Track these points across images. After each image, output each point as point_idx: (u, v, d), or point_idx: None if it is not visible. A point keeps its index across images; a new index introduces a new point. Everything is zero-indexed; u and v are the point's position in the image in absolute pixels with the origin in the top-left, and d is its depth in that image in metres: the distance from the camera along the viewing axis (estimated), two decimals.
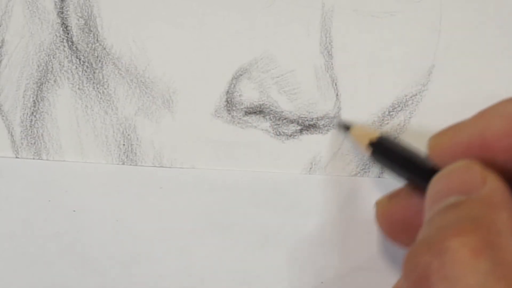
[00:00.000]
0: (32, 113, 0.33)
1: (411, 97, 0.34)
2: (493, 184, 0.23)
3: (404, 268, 0.22)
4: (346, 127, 0.33)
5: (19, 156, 0.33)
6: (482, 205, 0.23)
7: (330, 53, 0.33)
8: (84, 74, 0.33)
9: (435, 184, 0.25)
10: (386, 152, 0.30)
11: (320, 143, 0.33)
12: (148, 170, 0.33)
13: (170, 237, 0.32)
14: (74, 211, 0.32)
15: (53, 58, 0.33)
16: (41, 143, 0.33)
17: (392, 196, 0.30)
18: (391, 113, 0.33)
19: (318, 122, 0.33)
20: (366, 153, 0.31)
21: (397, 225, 0.30)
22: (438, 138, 0.27)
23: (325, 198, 0.33)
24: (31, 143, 0.33)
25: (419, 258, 0.22)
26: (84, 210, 0.32)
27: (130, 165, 0.33)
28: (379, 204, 0.30)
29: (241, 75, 0.33)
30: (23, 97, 0.33)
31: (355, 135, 0.32)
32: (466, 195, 0.23)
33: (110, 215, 0.32)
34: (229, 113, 0.33)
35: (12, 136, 0.33)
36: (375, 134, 0.31)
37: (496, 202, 0.23)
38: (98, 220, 0.32)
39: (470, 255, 0.21)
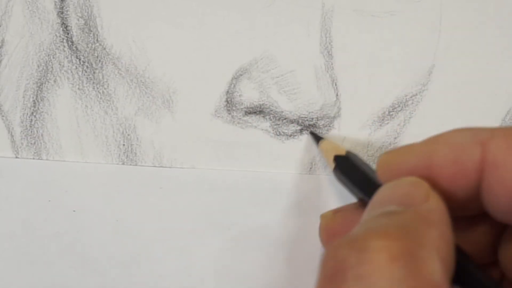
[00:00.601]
0: (32, 113, 0.33)
1: (411, 97, 0.34)
2: (435, 203, 0.24)
3: (322, 259, 0.22)
4: (317, 139, 0.33)
5: (19, 156, 0.33)
6: (416, 218, 0.23)
7: (330, 53, 0.33)
8: (84, 74, 0.33)
9: (380, 192, 0.25)
10: (345, 169, 0.31)
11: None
12: (148, 170, 0.33)
13: (170, 237, 0.32)
14: (74, 211, 0.32)
15: (53, 58, 0.33)
16: (41, 143, 0.33)
17: (337, 211, 0.30)
18: (391, 113, 0.33)
19: (318, 122, 0.33)
20: (330, 168, 0.31)
21: (337, 237, 0.29)
22: (387, 157, 0.27)
23: (325, 198, 0.33)
24: (31, 143, 0.33)
25: (338, 251, 0.21)
26: (84, 210, 0.32)
27: (130, 165, 0.33)
28: (324, 218, 0.30)
29: (241, 75, 0.33)
30: (23, 97, 0.33)
31: (323, 149, 0.32)
32: (405, 207, 0.23)
33: (110, 215, 0.32)
34: (229, 113, 0.33)
35: (12, 136, 0.33)
36: (339, 151, 0.31)
37: (431, 219, 0.23)
38: (98, 220, 0.32)
39: (387, 259, 0.20)
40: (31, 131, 0.33)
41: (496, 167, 0.24)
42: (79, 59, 0.33)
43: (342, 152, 0.31)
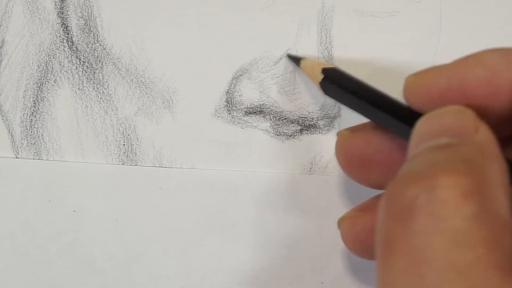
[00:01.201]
0: (32, 113, 0.33)
1: None
2: (486, 133, 0.23)
3: (387, 197, 0.21)
4: (296, 60, 0.32)
5: (19, 156, 0.33)
6: (476, 150, 0.22)
7: (330, 53, 0.33)
8: (84, 74, 0.33)
9: (424, 124, 0.24)
10: (338, 79, 0.30)
11: (320, 143, 0.33)
12: (148, 170, 0.33)
13: (170, 237, 0.32)
14: (74, 211, 0.32)
15: (53, 58, 0.33)
16: (41, 143, 0.33)
17: (355, 130, 0.29)
18: None
19: (318, 122, 0.33)
20: (315, 83, 0.30)
21: (355, 159, 0.29)
22: (415, 79, 0.27)
23: (325, 198, 0.33)
24: (31, 143, 0.33)
25: (406, 189, 0.21)
26: (84, 210, 0.32)
27: (130, 165, 0.33)
28: (340, 136, 0.30)
29: (241, 75, 0.33)
30: (23, 97, 0.33)
31: (306, 66, 0.31)
32: (459, 138, 0.23)
33: (110, 215, 0.32)
34: (229, 113, 0.33)
35: (12, 136, 0.33)
36: (326, 65, 0.30)
37: (489, 151, 0.22)
38: (98, 220, 0.32)
39: (460, 197, 0.20)
40: (31, 131, 0.33)
41: None
42: (79, 59, 0.33)
43: (330, 66, 0.30)
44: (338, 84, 0.30)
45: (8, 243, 0.32)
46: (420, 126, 0.24)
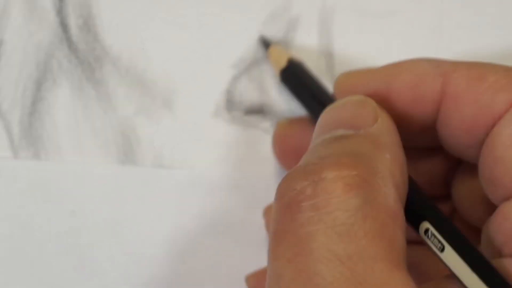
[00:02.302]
0: (31, 113, 0.33)
1: None
2: (384, 123, 0.23)
3: (278, 191, 0.22)
4: (266, 44, 0.32)
5: (18, 156, 0.32)
6: (367, 142, 0.22)
7: (330, 53, 0.33)
8: (84, 74, 0.33)
9: (326, 114, 0.25)
10: (295, 78, 0.30)
11: None
12: (148, 170, 0.33)
13: (170, 238, 0.32)
14: (73, 211, 0.32)
15: (52, 57, 0.33)
16: (40, 143, 0.33)
17: (293, 121, 0.30)
18: None
19: None
20: (277, 72, 0.31)
21: (290, 150, 0.30)
22: (345, 78, 0.27)
23: None
24: (30, 143, 0.33)
25: (294, 182, 0.21)
26: (83, 211, 0.32)
27: (130, 165, 0.33)
28: (279, 125, 0.31)
29: (241, 75, 0.33)
30: (22, 97, 0.33)
31: (273, 55, 0.32)
32: (354, 130, 0.23)
33: (109, 216, 0.32)
34: (229, 113, 0.33)
35: (10, 136, 0.33)
36: (289, 57, 0.31)
37: (383, 142, 0.23)
38: (97, 221, 0.32)
39: (343, 189, 0.20)
40: (30, 131, 0.33)
41: (455, 100, 0.24)
42: (79, 59, 0.33)
43: (296, 59, 0.31)
44: (296, 77, 0.30)
45: (6, 244, 0.32)
46: (321, 117, 0.25)
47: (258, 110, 0.33)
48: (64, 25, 0.33)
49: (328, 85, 0.33)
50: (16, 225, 0.32)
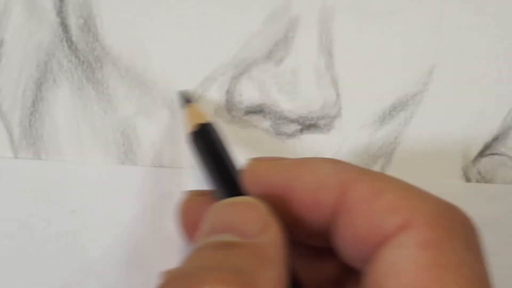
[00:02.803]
0: (31, 113, 0.33)
1: (411, 97, 0.34)
2: (272, 235, 0.23)
3: None
4: (186, 100, 0.32)
5: (18, 156, 0.32)
6: (252, 256, 0.22)
7: (330, 52, 0.33)
8: (84, 74, 0.33)
9: (215, 212, 0.24)
10: (203, 144, 0.29)
11: (320, 143, 0.33)
12: (148, 170, 0.33)
13: (170, 238, 0.32)
14: (73, 211, 0.32)
15: (52, 57, 0.33)
16: (40, 143, 0.33)
17: (203, 194, 0.29)
18: (391, 113, 0.33)
19: (319, 121, 0.33)
20: (187, 135, 0.30)
21: (192, 224, 0.29)
22: (255, 165, 0.27)
23: None
24: (30, 143, 0.33)
25: (170, 286, 0.21)
26: (83, 210, 0.32)
27: (130, 165, 0.33)
28: (188, 194, 0.30)
29: (241, 74, 0.33)
30: (22, 97, 0.33)
31: (188, 113, 0.31)
32: (240, 237, 0.23)
33: (110, 216, 0.32)
34: (229, 113, 0.33)
35: (11, 136, 0.33)
36: (202, 120, 0.30)
37: (268, 256, 0.22)
38: (97, 220, 0.32)
39: None
40: (30, 131, 0.33)
41: (350, 212, 0.23)
42: (79, 59, 0.33)
43: (205, 122, 0.30)
44: (202, 142, 0.29)
45: (7, 243, 0.32)
46: (210, 215, 0.24)
47: (258, 110, 0.33)
48: (64, 25, 0.33)
49: (329, 85, 0.33)
50: (16, 225, 0.32)
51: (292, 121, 0.33)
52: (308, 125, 0.33)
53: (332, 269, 0.27)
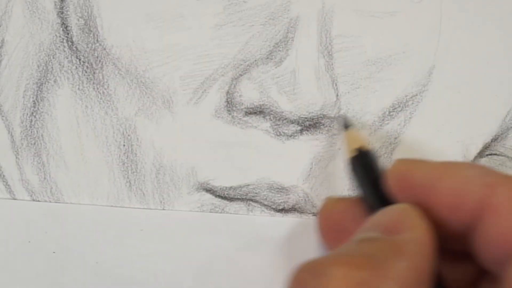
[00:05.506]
0: (32, 113, 0.33)
1: (411, 97, 0.34)
2: (417, 234, 0.24)
3: (289, 278, 0.23)
4: (346, 125, 0.32)
5: (19, 157, 0.33)
6: (387, 247, 0.23)
7: (330, 53, 0.33)
8: (84, 75, 0.33)
9: (373, 216, 0.25)
10: (362, 166, 0.30)
11: (320, 143, 0.33)
12: (129, 211, 0.32)
13: (151, 280, 0.31)
14: (53, 252, 0.32)
15: (53, 58, 0.33)
16: (41, 143, 0.33)
17: (342, 200, 0.30)
18: (391, 113, 0.33)
19: (318, 122, 0.33)
20: (347, 159, 0.31)
21: (333, 227, 0.30)
22: (400, 165, 0.27)
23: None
24: (31, 144, 0.33)
25: (299, 274, 0.22)
26: (63, 251, 0.32)
27: (130, 166, 0.33)
28: (328, 200, 0.31)
29: (241, 75, 0.33)
30: (23, 97, 0.33)
31: (349, 137, 0.32)
32: (384, 234, 0.24)
33: (90, 257, 0.32)
34: (229, 114, 0.33)
35: (12, 136, 0.33)
36: (362, 144, 0.31)
37: (404, 250, 0.23)
38: (78, 262, 0.31)
39: (346, 287, 0.21)
40: (31, 132, 0.33)
41: (497, 212, 0.24)
42: (79, 59, 0.33)
43: (365, 147, 0.31)
44: (361, 167, 0.30)
45: None
46: (370, 217, 0.25)
47: (258, 111, 0.33)
48: (65, 26, 0.33)
49: (328, 85, 0.33)
50: None
51: (292, 121, 0.33)
52: (308, 126, 0.33)
53: (466, 272, 0.27)
